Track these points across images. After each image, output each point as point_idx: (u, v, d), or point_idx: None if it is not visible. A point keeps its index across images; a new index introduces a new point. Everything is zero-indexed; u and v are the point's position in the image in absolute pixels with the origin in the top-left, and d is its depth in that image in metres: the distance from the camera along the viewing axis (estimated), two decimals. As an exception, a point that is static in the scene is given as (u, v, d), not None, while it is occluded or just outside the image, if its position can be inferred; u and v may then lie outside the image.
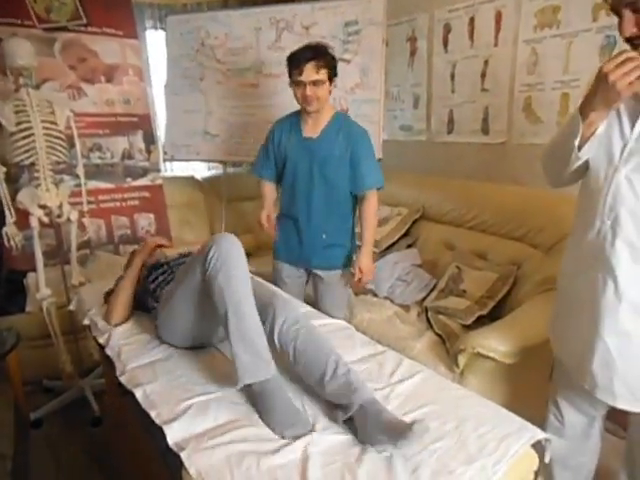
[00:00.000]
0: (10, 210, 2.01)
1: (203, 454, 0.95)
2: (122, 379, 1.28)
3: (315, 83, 1.75)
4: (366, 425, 0.97)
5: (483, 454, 0.90)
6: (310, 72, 1.74)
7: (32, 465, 1.99)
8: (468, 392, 1.17)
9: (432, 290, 2.37)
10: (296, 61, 1.76)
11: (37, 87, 2.15)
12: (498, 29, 2.53)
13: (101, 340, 1.52)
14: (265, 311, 1.27)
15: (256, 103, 2.87)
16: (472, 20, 2.64)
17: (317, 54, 1.75)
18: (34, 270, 2.22)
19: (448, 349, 1.87)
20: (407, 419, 0.98)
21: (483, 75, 2.64)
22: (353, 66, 2.62)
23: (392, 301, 2.40)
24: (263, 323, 1.24)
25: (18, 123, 1.93)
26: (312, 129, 1.90)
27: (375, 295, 2.43)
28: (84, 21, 2.83)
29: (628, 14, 0.96)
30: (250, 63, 2.86)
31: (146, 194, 3.14)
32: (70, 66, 2.84)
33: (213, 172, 3.79)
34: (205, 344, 1.43)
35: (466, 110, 2.76)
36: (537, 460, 0.98)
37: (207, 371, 1.28)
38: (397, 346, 1.83)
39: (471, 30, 2.67)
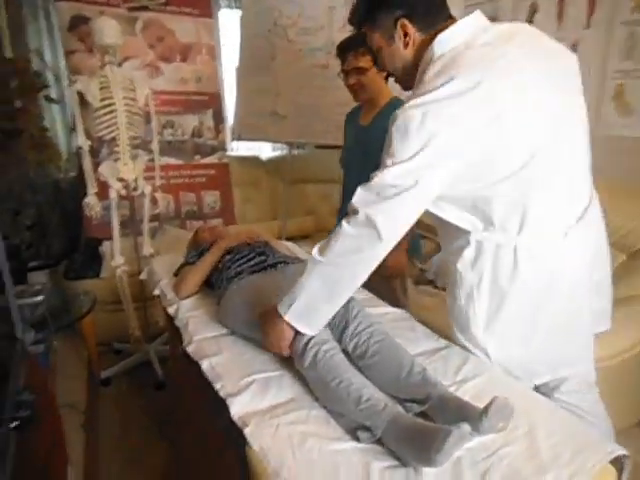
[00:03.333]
0: (92, 182, 2.13)
1: (266, 432, 0.96)
2: (189, 349, 1.33)
3: (358, 71, 1.75)
4: (445, 414, 0.95)
5: (557, 465, 0.85)
6: (352, 60, 1.75)
7: (100, 420, 2.14)
8: (539, 396, 1.11)
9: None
10: (339, 51, 1.79)
11: (119, 65, 2.25)
12: (592, 10, 2.32)
13: (170, 311, 1.58)
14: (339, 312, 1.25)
15: (326, 84, 2.83)
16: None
17: (358, 42, 1.72)
18: (109, 239, 2.36)
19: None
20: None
21: (570, 59, 2.44)
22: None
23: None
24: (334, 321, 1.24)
25: (102, 99, 2.03)
26: (366, 116, 1.89)
27: (436, 287, 2.37)
28: (163, 0, 2.92)
29: None
30: (321, 43, 2.82)
31: (213, 172, 3.23)
32: (150, 45, 2.95)
33: (277, 153, 3.82)
34: None
35: (548, 97, 2.58)
36: (615, 478, 0.91)
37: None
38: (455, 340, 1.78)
39: (560, 10, 2.46)
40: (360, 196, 1.00)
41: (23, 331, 1.45)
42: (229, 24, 3.55)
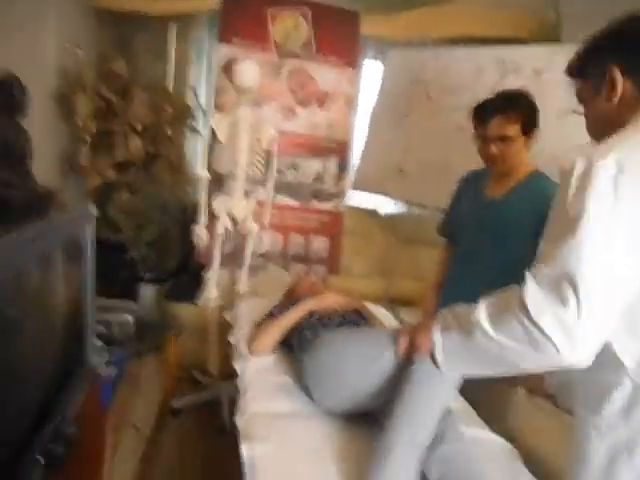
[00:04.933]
0: (204, 213, 2.17)
1: None
2: (238, 421, 1.19)
3: (502, 139, 1.47)
4: None
5: None
6: (496, 127, 1.46)
7: (160, 453, 2.08)
8: None
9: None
10: (482, 112, 1.52)
11: (257, 104, 2.31)
12: None
13: (237, 367, 1.48)
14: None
15: (459, 147, 2.61)
16: None
17: (508, 105, 1.46)
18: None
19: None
20: None
21: None
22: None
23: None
24: None
25: (228, 136, 2.08)
26: (497, 188, 1.59)
27: (556, 404, 1.92)
28: (314, 49, 3.01)
29: None
30: (463, 104, 2.61)
31: (326, 219, 3.17)
32: (291, 90, 3.04)
33: (396, 209, 3.65)
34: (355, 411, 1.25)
35: None
36: None
37: (324, 451, 1.09)
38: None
39: None
40: (532, 291, 0.80)
41: (95, 352, 1.45)
42: (370, 74, 3.54)
